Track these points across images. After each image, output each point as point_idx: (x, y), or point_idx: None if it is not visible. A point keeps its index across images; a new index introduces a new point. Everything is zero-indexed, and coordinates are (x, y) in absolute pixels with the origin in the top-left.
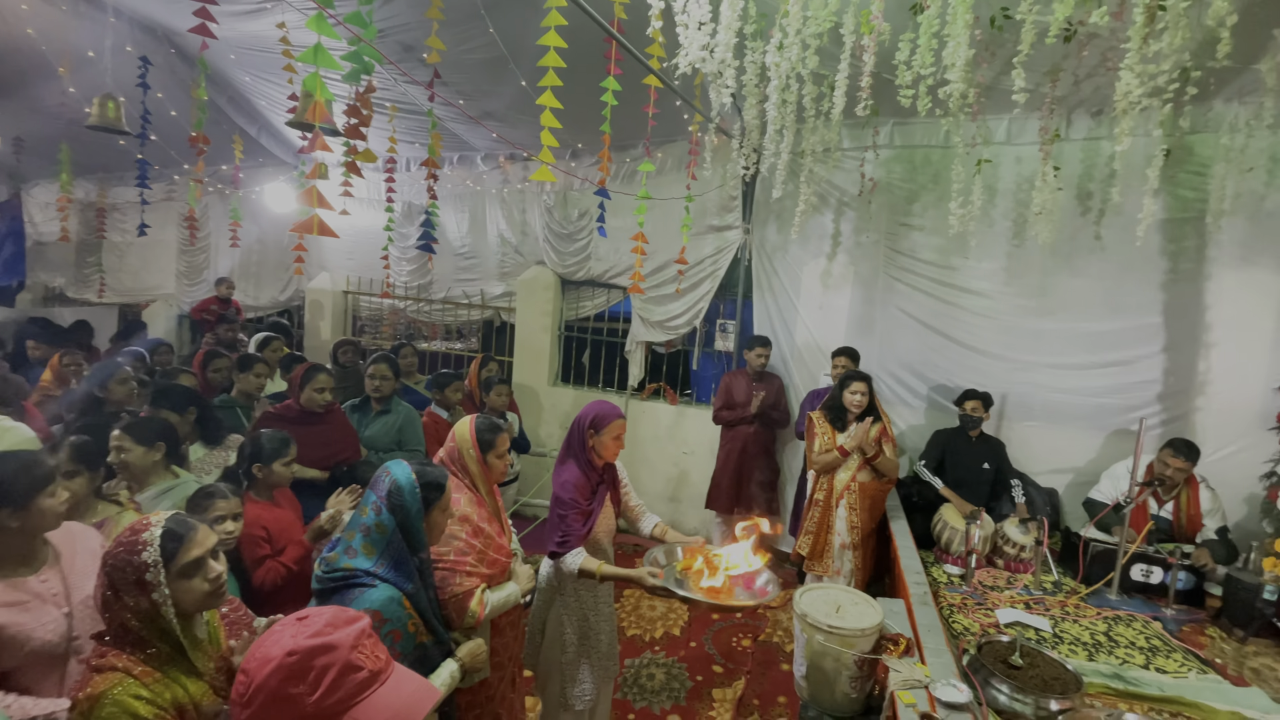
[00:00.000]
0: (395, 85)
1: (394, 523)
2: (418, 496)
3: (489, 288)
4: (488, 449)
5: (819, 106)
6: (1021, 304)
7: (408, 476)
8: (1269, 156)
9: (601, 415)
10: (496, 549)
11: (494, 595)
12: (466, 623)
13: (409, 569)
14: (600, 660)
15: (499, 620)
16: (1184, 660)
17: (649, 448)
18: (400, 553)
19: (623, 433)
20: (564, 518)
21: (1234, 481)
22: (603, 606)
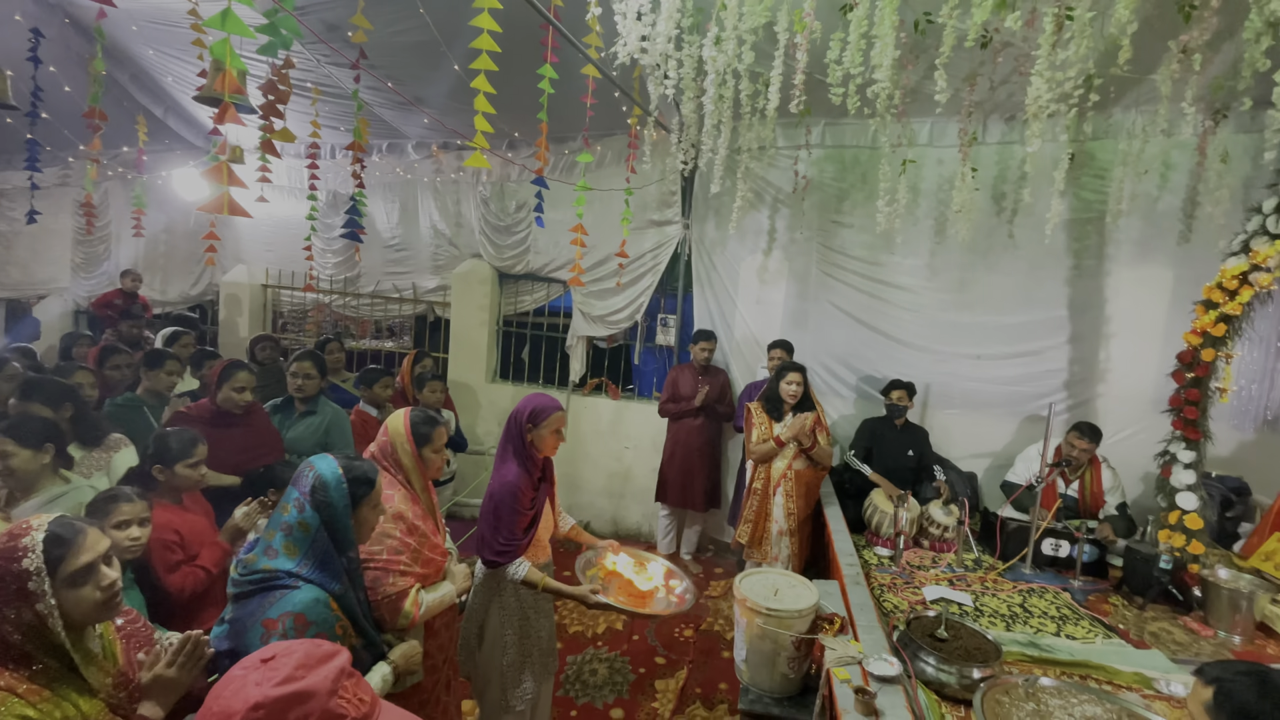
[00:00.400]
0: (319, 66)
1: (318, 520)
2: (344, 492)
3: (421, 281)
4: (423, 443)
5: (754, 104)
6: (943, 298)
7: (333, 471)
8: (1162, 161)
9: (540, 408)
10: (431, 548)
11: (429, 595)
12: (400, 624)
13: (335, 569)
14: (541, 658)
15: (433, 621)
16: (1090, 627)
17: (591, 444)
18: (326, 552)
19: (563, 426)
20: (504, 523)
21: (1132, 461)
22: (542, 604)
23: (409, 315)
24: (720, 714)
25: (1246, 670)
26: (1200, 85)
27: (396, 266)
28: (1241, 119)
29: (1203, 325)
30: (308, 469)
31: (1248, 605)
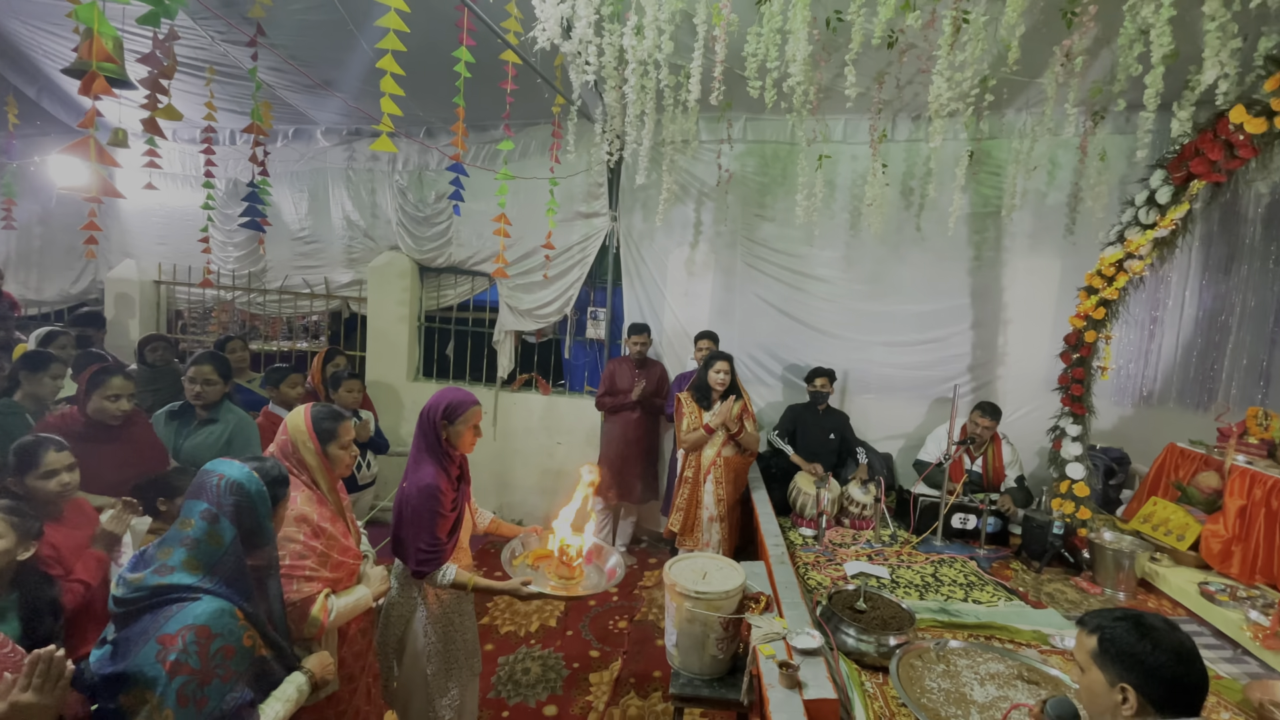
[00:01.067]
0: (215, 44)
1: (234, 533)
2: (265, 496)
3: (334, 275)
4: (328, 439)
5: (677, 96)
6: (858, 289)
7: (248, 475)
8: (1049, 160)
9: (455, 403)
10: (341, 550)
11: (340, 600)
12: (307, 632)
13: (246, 584)
14: (466, 661)
15: (348, 628)
16: (994, 591)
17: (521, 440)
18: (237, 567)
19: (480, 421)
20: (426, 528)
21: (1028, 436)
22: (465, 606)
23: (322, 312)
24: (654, 702)
25: (1122, 615)
26: (1081, 88)
27: (307, 260)
28: (1118, 120)
29: (1085, 309)
30: (213, 477)
31: (1130, 564)
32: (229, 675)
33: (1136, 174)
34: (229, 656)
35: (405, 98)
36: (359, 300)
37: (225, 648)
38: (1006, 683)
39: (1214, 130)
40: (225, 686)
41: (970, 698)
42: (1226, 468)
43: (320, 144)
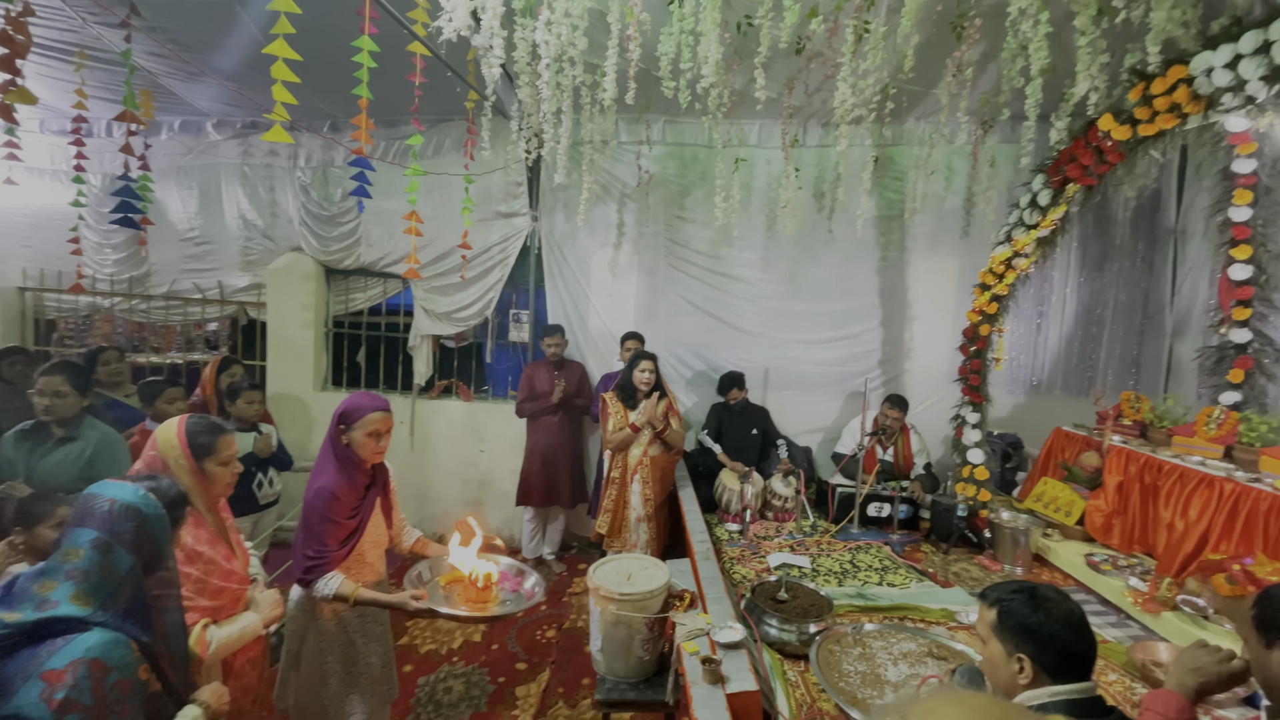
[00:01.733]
0: (85, 26)
1: (131, 562)
2: (165, 521)
3: (230, 279)
4: (203, 455)
5: (594, 94)
6: (776, 289)
7: (145, 499)
8: (946, 166)
9: (353, 408)
10: (223, 575)
11: (222, 631)
12: None
13: (144, 616)
14: (372, 686)
15: (234, 660)
16: (907, 574)
17: (443, 450)
18: (135, 598)
19: (383, 430)
20: (314, 534)
21: (934, 426)
22: (372, 627)
23: (219, 319)
24: (583, 710)
25: (1018, 589)
26: (971, 98)
27: (197, 263)
28: (1004, 129)
29: (980, 305)
30: (101, 501)
31: (1025, 540)
32: (125, 713)
33: (1021, 179)
34: (125, 692)
35: (305, 88)
36: (258, 306)
37: (121, 682)
38: (918, 660)
39: (1086, 137)
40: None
41: (884, 678)
42: (1105, 447)
43: (211, 137)
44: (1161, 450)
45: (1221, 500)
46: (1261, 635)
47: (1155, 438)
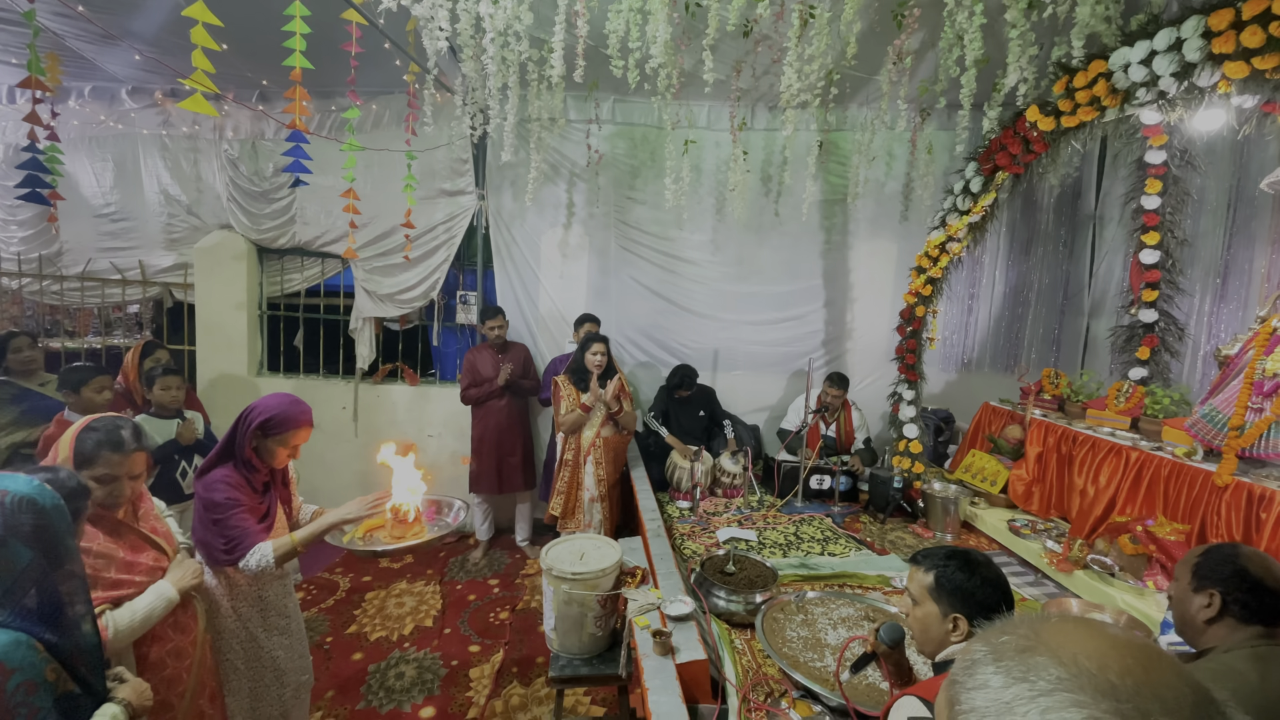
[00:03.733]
0: None
1: (29, 556)
2: (65, 512)
3: (152, 259)
4: (83, 465)
5: (541, 71)
6: (725, 271)
7: (41, 490)
8: (886, 152)
9: (285, 418)
10: (122, 567)
11: (122, 613)
12: None
13: (48, 613)
14: (279, 677)
15: (149, 650)
16: (847, 543)
17: (388, 436)
18: (42, 593)
19: (303, 442)
20: (225, 520)
21: (873, 402)
22: (274, 620)
23: (140, 301)
24: (538, 688)
25: (951, 554)
26: (911, 86)
27: (115, 241)
28: (941, 117)
29: (916, 287)
30: None
31: (955, 509)
32: (33, 713)
33: (956, 166)
34: (31, 692)
35: (230, 55)
36: (185, 287)
37: (26, 683)
38: (855, 624)
39: (1014, 127)
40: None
41: (825, 641)
42: (1027, 420)
43: (126, 104)
44: (1076, 422)
45: (1128, 467)
46: (1193, 579)
47: (1071, 411)
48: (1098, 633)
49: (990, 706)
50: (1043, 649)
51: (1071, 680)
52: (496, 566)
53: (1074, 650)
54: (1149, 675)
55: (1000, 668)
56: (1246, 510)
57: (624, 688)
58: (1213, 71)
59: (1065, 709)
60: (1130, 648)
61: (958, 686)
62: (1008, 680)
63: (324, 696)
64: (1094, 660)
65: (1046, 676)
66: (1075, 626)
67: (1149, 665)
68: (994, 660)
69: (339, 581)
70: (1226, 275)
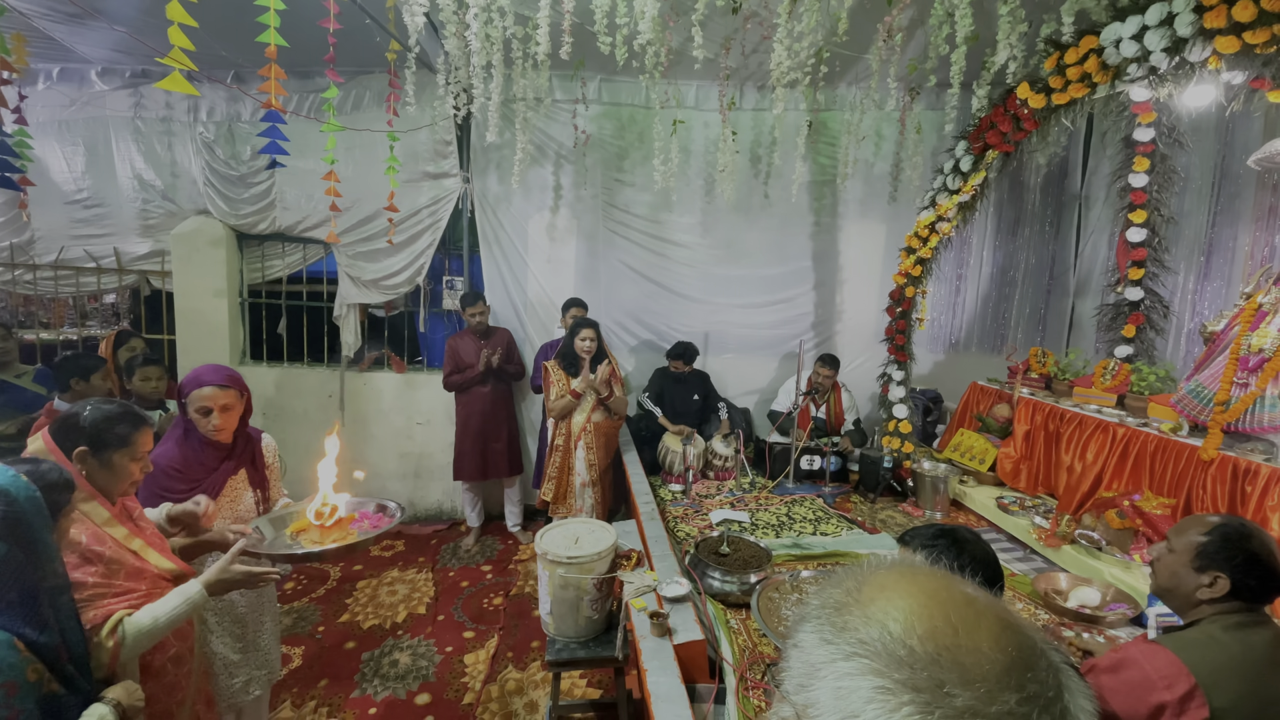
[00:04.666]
0: None
1: (4, 550)
2: (40, 503)
3: (127, 246)
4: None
5: (526, 49)
6: (715, 254)
7: (16, 480)
8: (876, 131)
9: (186, 382)
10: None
11: (143, 616)
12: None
13: (29, 609)
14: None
15: (152, 658)
16: (838, 523)
17: (375, 425)
18: (20, 588)
19: (213, 406)
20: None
21: (862, 383)
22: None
23: (116, 289)
24: (533, 672)
25: (940, 533)
26: (900, 65)
27: (88, 228)
28: (930, 97)
29: (905, 268)
30: None
31: (944, 487)
32: (14, 715)
33: (945, 145)
34: (12, 694)
35: (204, 33)
36: (162, 275)
37: (6, 684)
38: None
39: (1004, 105)
40: None
41: None
42: (1015, 399)
43: (97, 86)
44: (1064, 400)
45: (1114, 444)
46: (1197, 559)
47: (1058, 389)
48: (920, 588)
49: (799, 668)
50: (856, 607)
51: (872, 645)
52: (489, 552)
53: (886, 609)
54: (957, 639)
55: (815, 626)
56: (1232, 484)
57: (620, 669)
58: (1204, 47)
59: (860, 676)
60: (949, 605)
61: (788, 642)
62: (819, 640)
63: (317, 685)
64: (900, 621)
65: (850, 640)
66: (899, 580)
67: (962, 627)
68: (815, 618)
69: (329, 570)
70: (1211, 252)
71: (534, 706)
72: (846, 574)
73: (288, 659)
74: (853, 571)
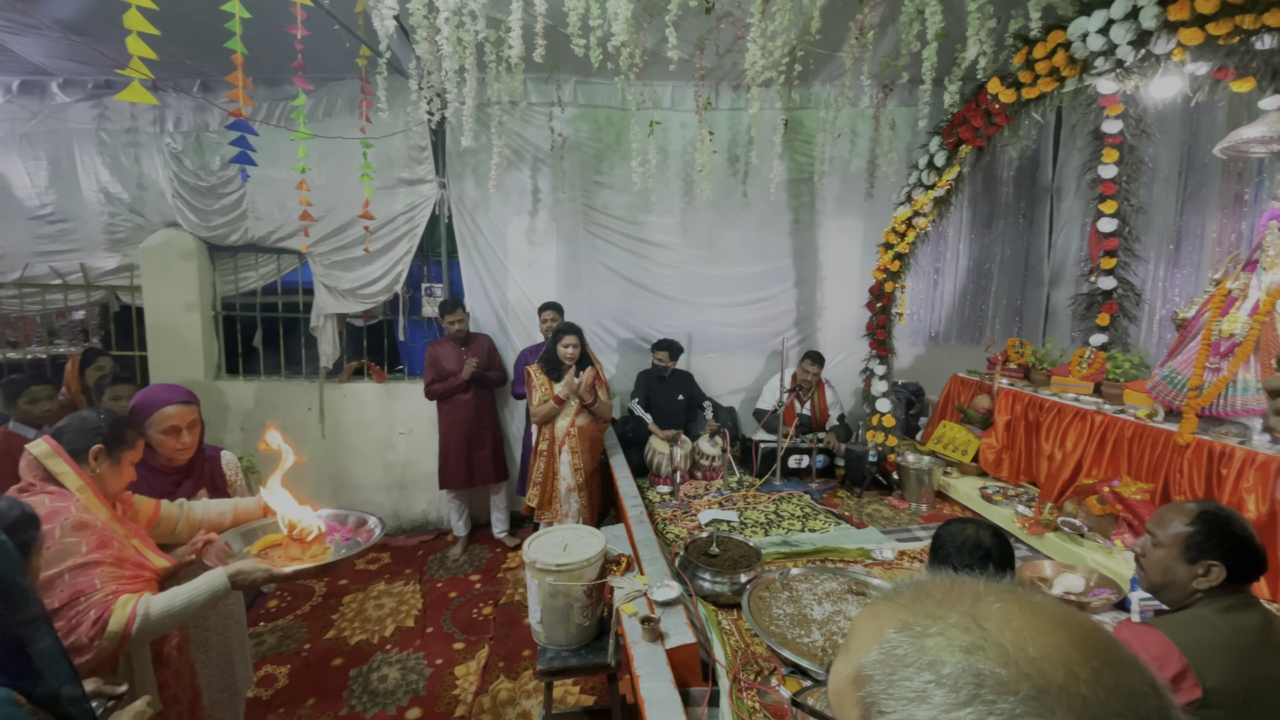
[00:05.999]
0: None
1: None
2: (8, 549)
3: (94, 261)
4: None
5: (499, 52)
6: (695, 254)
7: None
8: (850, 129)
9: (143, 404)
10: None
11: (162, 599)
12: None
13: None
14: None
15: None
16: (826, 519)
17: (357, 435)
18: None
19: (182, 424)
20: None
21: (846, 379)
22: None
23: (84, 306)
24: (525, 681)
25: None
26: (873, 62)
27: (53, 244)
28: (903, 93)
29: (884, 263)
30: None
31: (929, 479)
32: None
33: (919, 141)
34: None
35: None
36: (132, 289)
37: None
38: (840, 598)
39: (976, 100)
40: None
41: (811, 617)
42: (994, 390)
43: (58, 99)
44: (1042, 390)
45: (1093, 431)
46: (1187, 551)
47: (1037, 379)
48: (1050, 620)
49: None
50: (993, 650)
51: (1042, 700)
52: (477, 562)
53: (1031, 652)
54: (1116, 678)
55: (940, 677)
56: (1207, 467)
57: (613, 676)
58: (1168, 39)
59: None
60: (1088, 641)
61: (876, 689)
62: (954, 696)
63: (305, 705)
64: (1058, 664)
65: (1007, 695)
66: (1021, 613)
67: (1113, 663)
68: (929, 665)
69: (314, 586)
70: (1180, 240)
71: (527, 716)
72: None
73: (273, 679)
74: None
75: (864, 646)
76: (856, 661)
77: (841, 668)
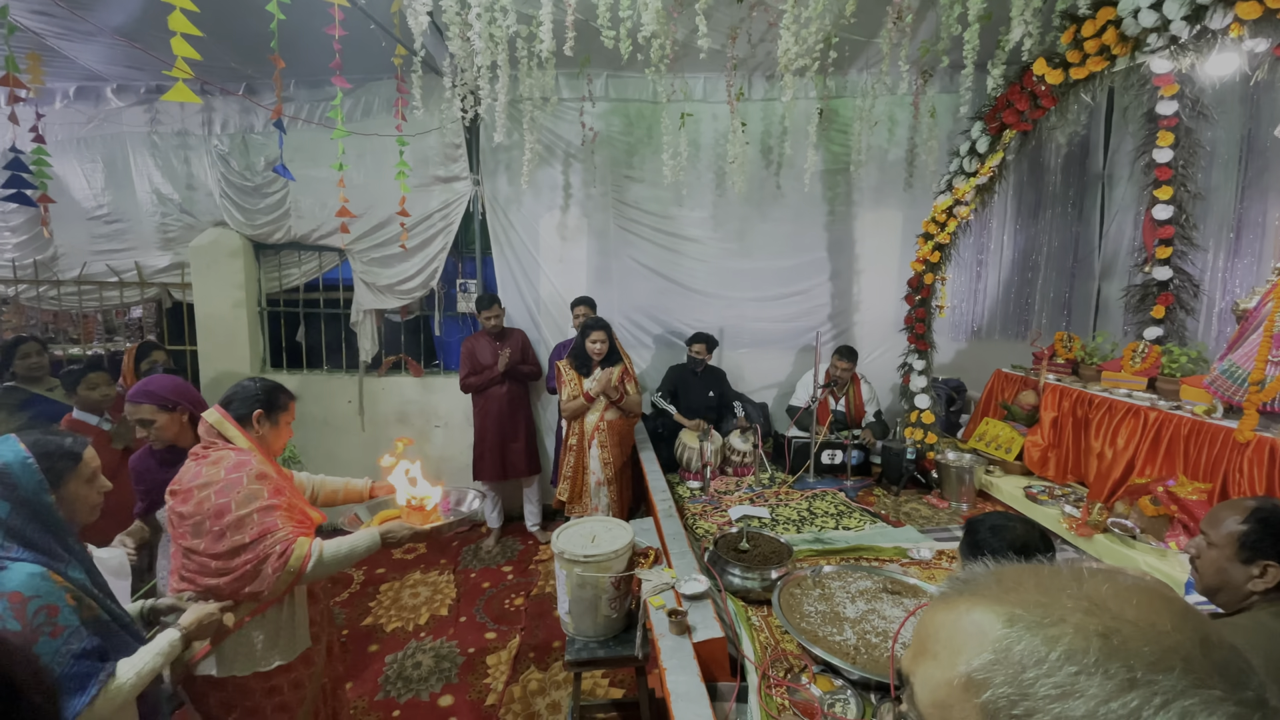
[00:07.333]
0: None
1: (6, 509)
2: (34, 470)
3: (148, 259)
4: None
5: (530, 47)
6: (727, 247)
7: (14, 451)
8: (888, 117)
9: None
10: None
11: (331, 545)
12: (282, 580)
13: (54, 548)
14: None
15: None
16: (861, 517)
17: (394, 428)
18: (34, 533)
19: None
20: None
21: (883, 374)
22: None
23: (140, 303)
24: (555, 672)
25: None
26: (911, 47)
27: (109, 243)
28: (943, 78)
29: (923, 255)
30: None
31: (970, 478)
32: (58, 631)
33: (960, 127)
34: (54, 615)
35: (215, 46)
36: (183, 287)
37: (46, 608)
38: (874, 596)
39: (1021, 83)
40: (56, 642)
41: (843, 615)
42: (1041, 386)
43: (112, 103)
44: (1092, 385)
45: (1146, 428)
46: (1241, 550)
47: (1086, 374)
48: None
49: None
50: (1129, 629)
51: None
52: (509, 553)
53: (1162, 626)
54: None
55: (1085, 666)
56: (1269, 466)
57: (641, 668)
58: (1225, 13)
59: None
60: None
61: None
62: (1108, 684)
63: (342, 687)
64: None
65: (1163, 673)
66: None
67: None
68: (1066, 657)
69: (353, 574)
70: (1240, 228)
71: (557, 707)
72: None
73: None
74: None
75: (963, 649)
76: (959, 667)
77: (935, 674)
